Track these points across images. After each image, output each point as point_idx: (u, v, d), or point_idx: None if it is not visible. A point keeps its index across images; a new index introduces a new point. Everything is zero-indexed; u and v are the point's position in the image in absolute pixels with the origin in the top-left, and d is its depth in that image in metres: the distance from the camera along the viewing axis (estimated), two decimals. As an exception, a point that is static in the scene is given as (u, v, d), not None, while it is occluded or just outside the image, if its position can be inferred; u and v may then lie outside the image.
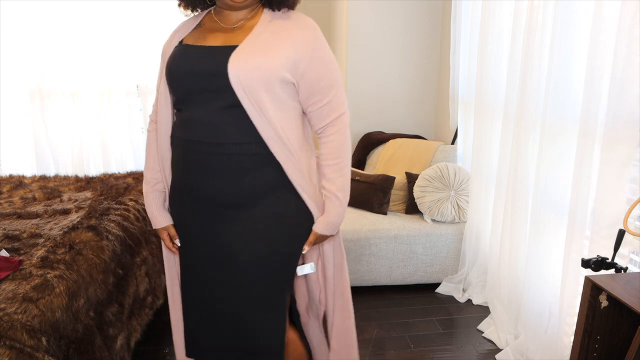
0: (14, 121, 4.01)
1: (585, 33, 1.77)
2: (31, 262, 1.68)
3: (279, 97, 1.24)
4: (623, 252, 1.61)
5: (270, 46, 1.22)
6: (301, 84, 1.27)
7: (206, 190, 1.30)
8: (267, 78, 1.20)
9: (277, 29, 1.26)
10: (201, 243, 1.37)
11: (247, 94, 1.20)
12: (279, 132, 1.25)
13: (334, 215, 1.35)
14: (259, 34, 1.24)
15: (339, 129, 1.33)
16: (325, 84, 1.29)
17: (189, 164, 1.31)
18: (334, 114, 1.32)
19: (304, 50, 1.24)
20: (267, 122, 1.23)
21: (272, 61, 1.21)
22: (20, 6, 3.75)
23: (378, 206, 2.85)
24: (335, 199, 1.34)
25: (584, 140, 1.73)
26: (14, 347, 1.30)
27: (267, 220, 1.31)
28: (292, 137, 1.28)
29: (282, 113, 1.26)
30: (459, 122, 3.04)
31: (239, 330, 1.39)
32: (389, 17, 3.48)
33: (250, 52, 1.21)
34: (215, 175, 1.28)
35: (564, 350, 1.89)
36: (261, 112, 1.22)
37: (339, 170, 1.34)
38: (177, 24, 1.44)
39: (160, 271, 2.35)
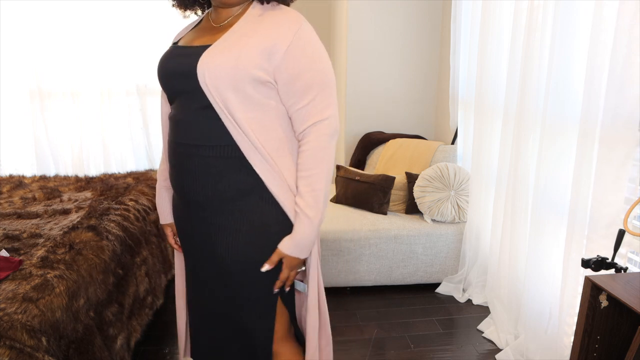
0: (14, 121, 4.01)
1: (585, 33, 1.77)
2: (31, 262, 1.68)
3: (251, 98, 1.16)
4: (623, 252, 1.61)
5: (240, 44, 1.14)
6: (278, 81, 1.18)
7: (189, 192, 1.26)
8: (233, 77, 1.13)
9: (256, 25, 1.17)
10: (193, 244, 1.35)
11: (214, 95, 1.14)
12: (249, 135, 1.17)
13: (301, 235, 1.22)
14: (234, 32, 1.17)
15: (315, 137, 1.20)
16: (302, 84, 1.17)
17: (176, 165, 1.28)
18: (311, 120, 1.19)
19: (278, 44, 1.14)
20: (235, 124, 1.16)
21: (240, 60, 1.13)
22: (20, 6, 3.75)
23: (378, 206, 2.85)
24: (304, 216, 1.21)
25: (584, 140, 1.73)
26: (14, 347, 1.30)
27: (243, 228, 1.23)
28: (266, 141, 1.20)
29: (254, 114, 1.18)
30: (459, 122, 3.04)
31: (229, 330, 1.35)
32: (389, 17, 3.48)
33: (218, 51, 1.14)
34: (195, 177, 1.23)
35: (564, 350, 1.89)
36: (228, 113, 1.16)
37: (309, 185, 1.20)
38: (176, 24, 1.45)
39: (160, 271, 2.35)
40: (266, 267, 1.24)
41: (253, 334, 1.33)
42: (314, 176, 1.20)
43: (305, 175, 1.21)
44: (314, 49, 1.18)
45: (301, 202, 1.21)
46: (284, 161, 1.23)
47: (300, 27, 1.17)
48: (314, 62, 1.18)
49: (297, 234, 1.22)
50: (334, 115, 1.21)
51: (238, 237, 1.24)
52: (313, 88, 1.18)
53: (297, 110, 1.20)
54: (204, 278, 1.35)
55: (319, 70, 1.18)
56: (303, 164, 1.21)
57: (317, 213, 1.21)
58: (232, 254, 1.25)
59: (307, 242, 1.23)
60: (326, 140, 1.20)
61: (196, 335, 1.47)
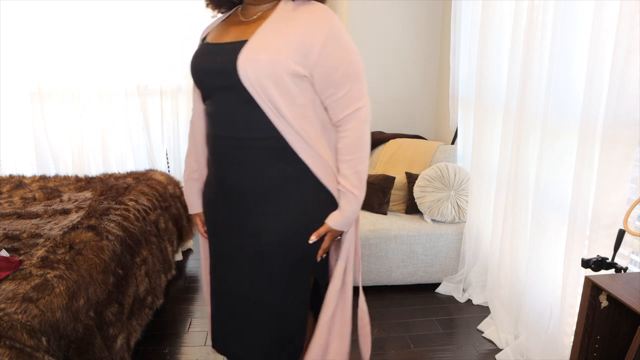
0: (14, 121, 4.01)
1: (585, 33, 1.77)
2: (31, 262, 1.68)
3: (290, 91, 1.22)
4: (623, 252, 1.61)
5: (278, 40, 1.20)
6: (315, 75, 1.24)
7: (230, 181, 1.33)
8: (275, 73, 1.19)
9: (290, 20, 1.22)
10: (228, 233, 1.39)
11: (257, 90, 1.20)
12: (293, 124, 1.24)
13: (348, 212, 1.33)
14: (269, 27, 1.22)
15: (355, 123, 1.29)
16: (339, 76, 1.25)
17: (217, 157, 1.35)
18: (350, 108, 1.28)
19: (314, 41, 1.20)
20: (280, 116, 1.23)
21: (280, 56, 1.18)
22: (20, 6, 3.75)
23: (378, 206, 2.85)
24: (350, 195, 1.32)
25: (584, 140, 1.73)
26: (14, 347, 1.30)
27: (288, 210, 1.32)
28: (308, 129, 1.27)
29: (294, 105, 1.24)
30: (459, 122, 3.04)
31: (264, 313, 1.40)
32: (389, 17, 3.48)
33: (258, 47, 1.20)
34: (238, 168, 1.30)
35: (564, 350, 1.89)
36: (274, 107, 1.22)
37: (353, 167, 1.31)
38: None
39: (160, 271, 2.36)
40: (313, 238, 1.33)
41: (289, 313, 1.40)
42: (356, 159, 1.31)
43: (348, 159, 1.31)
44: (346, 42, 1.25)
45: (346, 183, 1.32)
46: (324, 146, 1.32)
47: (332, 23, 1.22)
48: (348, 55, 1.25)
49: (345, 210, 1.33)
50: (368, 103, 1.31)
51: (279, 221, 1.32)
52: (349, 78, 1.26)
53: (336, 100, 1.28)
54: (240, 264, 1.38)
55: (353, 62, 1.26)
56: (345, 148, 1.31)
57: (361, 191, 1.33)
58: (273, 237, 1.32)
59: (353, 217, 1.35)
60: (364, 126, 1.30)
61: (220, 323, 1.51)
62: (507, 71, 2.29)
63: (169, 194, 2.87)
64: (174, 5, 3.88)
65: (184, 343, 2.25)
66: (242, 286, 1.40)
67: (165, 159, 4.28)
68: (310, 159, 1.29)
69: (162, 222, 2.59)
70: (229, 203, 1.36)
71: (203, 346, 2.23)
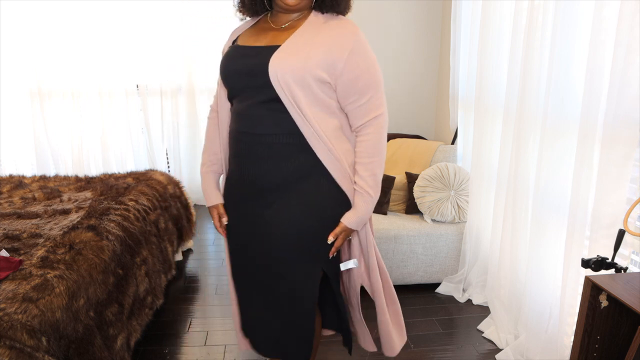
0: (14, 121, 4.01)
1: (585, 33, 1.77)
2: (31, 262, 1.68)
3: (314, 94, 1.33)
4: (623, 252, 1.61)
5: (307, 48, 1.31)
6: (338, 83, 1.35)
7: (251, 176, 1.43)
8: (301, 77, 1.30)
9: (319, 31, 1.35)
10: (248, 225, 1.49)
11: (284, 90, 1.31)
12: (313, 124, 1.35)
13: (363, 211, 1.42)
14: (300, 36, 1.34)
15: (375, 129, 1.40)
16: (362, 85, 1.36)
17: (239, 152, 1.44)
18: (371, 114, 1.39)
19: (340, 53, 1.32)
20: (302, 115, 1.34)
21: (308, 62, 1.30)
22: (20, 6, 3.75)
23: (378, 206, 2.85)
24: (366, 195, 1.41)
25: (584, 140, 1.73)
26: (14, 347, 1.30)
27: (302, 203, 1.41)
28: (326, 129, 1.37)
29: (316, 107, 1.35)
30: (459, 122, 3.04)
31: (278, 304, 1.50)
32: (389, 17, 3.48)
33: (288, 53, 1.31)
34: (257, 162, 1.40)
35: (564, 350, 1.89)
36: (297, 106, 1.33)
37: (370, 170, 1.41)
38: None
39: (160, 271, 2.36)
40: (331, 238, 1.42)
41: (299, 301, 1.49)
42: (374, 162, 1.41)
43: (366, 162, 1.41)
44: (369, 55, 1.37)
45: (363, 184, 1.41)
46: (341, 149, 1.41)
47: (358, 36, 1.35)
48: (370, 66, 1.37)
49: (360, 210, 1.42)
50: (386, 111, 1.41)
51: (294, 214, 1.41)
52: (371, 88, 1.38)
53: (358, 106, 1.39)
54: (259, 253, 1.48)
55: (374, 73, 1.38)
56: (364, 151, 1.41)
57: (377, 192, 1.43)
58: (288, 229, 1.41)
59: (367, 216, 1.44)
60: (383, 132, 1.41)
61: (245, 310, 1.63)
62: (507, 71, 2.29)
63: (169, 194, 2.87)
64: (174, 5, 3.88)
65: (184, 343, 2.25)
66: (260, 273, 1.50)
67: (165, 159, 4.28)
68: (326, 158, 1.39)
69: (162, 222, 2.59)
70: (250, 196, 1.46)
71: (203, 346, 2.23)
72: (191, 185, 4.30)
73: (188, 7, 3.92)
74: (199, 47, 4.01)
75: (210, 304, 2.61)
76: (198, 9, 3.94)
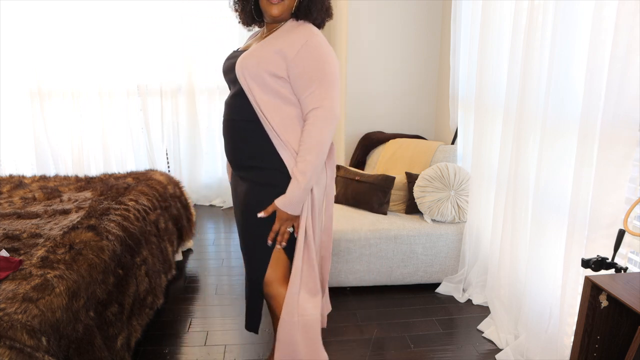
0: (14, 121, 4.01)
1: (585, 33, 1.77)
2: (31, 262, 1.68)
3: (268, 85, 1.55)
4: (620, 252, 1.61)
5: (265, 49, 1.55)
6: (290, 76, 1.55)
7: (229, 155, 1.72)
8: (255, 73, 1.54)
9: (280, 36, 1.56)
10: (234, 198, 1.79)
11: (244, 84, 1.57)
12: (263, 111, 1.57)
13: (291, 194, 1.57)
14: (267, 40, 1.58)
15: (312, 120, 1.55)
16: (306, 80, 1.54)
17: (224, 136, 1.73)
18: (310, 106, 1.56)
19: (289, 51, 1.52)
20: (255, 103, 1.58)
21: (261, 60, 1.54)
22: (20, 6, 3.75)
23: (378, 206, 2.85)
24: (294, 179, 1.57)
25: (584, 140, 1.73)
26: (14, 347, 1.30)
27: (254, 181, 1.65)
28: (281, 116, 1.58)
29: (270, 96, 1.57)
30: (459, 122, 3.04)
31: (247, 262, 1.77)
32: (389, 18, 3.48)
33: (249, 54, 1.57)
34: (233, 143, 1.68)
35: (564, 350, 1.89)
36: (252, 97, 1.57)
37: (303, 155, 1.56)
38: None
39: (160, 271, 2.36)
40: (261, 214, 1.62)
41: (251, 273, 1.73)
42: (306, 149, 1.56)
43: (301, 147, 1.57)
44: (318, 54, 1.53)
45: (295, 169, 1.58)
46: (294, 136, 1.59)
47: (309, 39, 1.53)
48: (318, 63, 1.53)
49: (288, 192, 1.58)
50: (330, 105, 1.55)
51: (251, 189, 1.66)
52: (314, 82, 1.54)
53: (304, 98, 1.56)
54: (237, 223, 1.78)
55: (320, 70, 1.53)
56: (301, 138, 1.58)
57: (305, 178, 1.56)
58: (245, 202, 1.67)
59: (296, 200, 1.58)
60: (320, 123, 1.55)
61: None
62: (507, 71, 2.29)
63: (169, 194, 2.87)
64: (174, 5, 3.88)
65: (184, 343, 2.25)
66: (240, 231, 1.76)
67: (165, 159, 4.28)
68: (276, 143, 1.59)
69: (162, 222, 2.59)
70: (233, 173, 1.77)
71: (203, 346, 2.23)
72: (191, 185, 4.30)
73: (188, 7, 3.92)
74: (199, 47, 4.01)
75: (210, 304, 2.61)
76: (198, 9, 3.94)
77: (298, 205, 1.59)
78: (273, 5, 1.53)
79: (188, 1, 3.90)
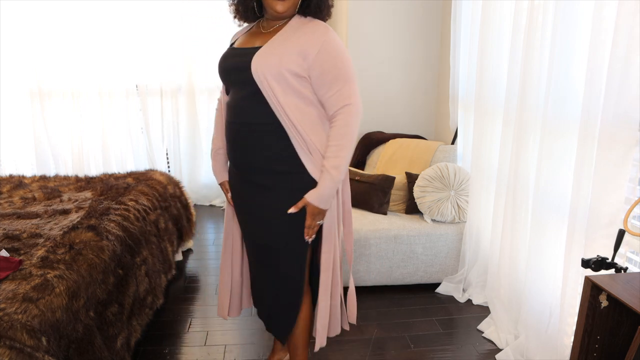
0: (14, 121, 4.01)
1: (585, 33, 1.77)
2: (31, 262, 1.68)
3: (290, 85, 1.51)
4: (622, 252, 1.61)
5: (282, 47, 1.50)
6: (311, 76, 1.52)
7: (241, 160, 1.64)
8: (277, 72, 1.48)
9: (294, 33, 1.53)
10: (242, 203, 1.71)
11: (263, 84, 1.50)
12: (288, 112, 1.52)
13: (323, 188, 1.55)
14: (278, 37, 1.53)
15: (343, 116, 1.53)
16: (330, 78, 1.51)
17: (229, 139, 1.65)
18: (340, 104, 1.53)
19: (310, 50, 1.49)
20: (278, 104, 1.51)
21: (282, 59, 1.48)
22: (20, 6, 3.75)
23: (378, 206, 2.85)
24: (327, 173, 1.54)
25: (584, 140, 1.73)
26: (14, 347, 1.30)
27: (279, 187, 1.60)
28: (303, 118, 1.54)
29: (292, 97, 1.52)
30: (459, 122, 3.04)
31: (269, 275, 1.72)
32: (389, 17, 3.48)
33: (267, 52, 1.51)
34: (246, 148, 1.60)
35: (564, 350, 1.89)
36: (275, 99, 1.51)
37: (336, 152, 1.53)
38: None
39: (160, 271, 2.36)
40: (292, 210, 1.57)
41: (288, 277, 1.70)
42: (340, 145, 1.53)
43: (333, 144, 1.54)
44: (337, 52, 1.52)
45: (327, 163, 1.54)
46: (318, 137, 1.57)
47: (327, 37, 1.52)
48: (339, 62, 1.52)
49: (320, 186, 1.55)
50: (357, 101, 1.55)
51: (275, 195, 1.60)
52: (339, 80, 1.52)
53: (329, 97, 1.54)
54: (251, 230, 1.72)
55: (342, 68, 1.53)
56: (332, 136, 1.55)
57: (339, 173, 1.54)
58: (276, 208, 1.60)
59: (328, 193, 1.56)
60: (351, 119, 1.54)
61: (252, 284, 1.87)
62: (507, 71, 2.29)
63: (169, 194, 2.87)
64: (174, 5, 3.88)
65: (184, 343, 2.26)
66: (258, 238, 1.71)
67: (165, 159, 4.28)
68: (298, 145, 1.55)
69: (162, 222, 2.59)
70: (241, 178, 1.68)
71: (203, 346, 2.23)
72: (191, 185, 4.30)
73: (188, 7, 3.92)
74: (199, 47, 4.02)
75: (210, 304, 2.61)
76: (198, 9, 3.94)
77: (329, 200, 1.57)
78: (278, 1, 1.50)
79: (188, 1, 3.90)
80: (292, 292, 1.72)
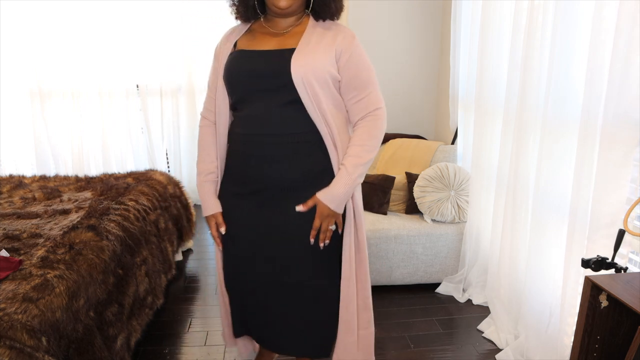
0: (14, 121, 4.01)
1: (585, 33, 1.77)
2: (31, 262, 1.68)
3: (330, 91, 1.43)
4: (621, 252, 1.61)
5: (319, 48, 1.41)
6: (343, 79, 1.45)
7: (265, 176, 1.46)
8: (321, 76, 1.39)
9: (323, 36, 1.44)
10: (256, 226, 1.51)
11: (307, 89, 1.39)
12: (329, 122, 1.44)
13: (338, 187, 1.44)
14: (309, 38, 1.43)
15: (373, 119, 1.47)
16: (360, 82, 1.45)
17: (247, 155, 1.47)
18: (371, 107, 1.47)
19: (344, 52, 1.43)
20: (320, 112, 1.42)
21: (324, 62, 1.40)
22: (20, 6, 3.75)
23: (378, 206, 2.85)
24: (344, 170, 1.44)
25: (584, 140, 1.73)
26: (14, 347, 1.30)
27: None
28: (338, 126, 1.46)
29: (331, 103, 1.44)
30: (459, 122, 3.04)
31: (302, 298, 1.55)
32: (389, 17, 3.48)
33: (306, 54, 1.40)
34: (274, 162, 1.45)
35: (564, 350, 1.89)
36: (317, 105, 1.41)
37: (360, 152, 1.45)
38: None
39: (160, 271, 2.36)
40: (300, 207, 1.46)
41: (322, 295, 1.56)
42: (365, 147, 1.45)
43: (357, 144, 1.46)
44: (365, 56, 1.48)
45: (347, 162, 1.44)
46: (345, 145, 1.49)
47: (355, 40, 1.47)
48: (368, 66, 1.47)
49: (335, 185, 1.45)
50: (383, 105, 1.49)
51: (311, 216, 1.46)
52: (370, 84, 1.47)
53: (359, 101, 1.47)
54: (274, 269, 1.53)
55: (370, 72, 1.48)
56: (358, 136, 1.46)
57: (357, 172, 1.44)
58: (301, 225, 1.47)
59: (340, 193, 1.44)
60: (380, 123, 1.48)
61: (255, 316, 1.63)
62: (507, 71, 2.29)
63: (169, 194, 2.87)
64: (174, 5, 3.88)
65: (184, 343, 2.25)
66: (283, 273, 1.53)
67: (165, 159, 4.28)
68: (331, 154, 1.47)
69: (162, 222, 2.59)
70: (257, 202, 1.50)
71: (203, 346, 2.23)
72: (191, 185, 4.30)
73: (188, 7, 3.91)
74: (199, 47, 4.01)
75: (210, 304, 2.60)
76: (198, 9, 3.94)
77: (342, 202, 1.46)
78: None
79: (188, 1, 3.90)
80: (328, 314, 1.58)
